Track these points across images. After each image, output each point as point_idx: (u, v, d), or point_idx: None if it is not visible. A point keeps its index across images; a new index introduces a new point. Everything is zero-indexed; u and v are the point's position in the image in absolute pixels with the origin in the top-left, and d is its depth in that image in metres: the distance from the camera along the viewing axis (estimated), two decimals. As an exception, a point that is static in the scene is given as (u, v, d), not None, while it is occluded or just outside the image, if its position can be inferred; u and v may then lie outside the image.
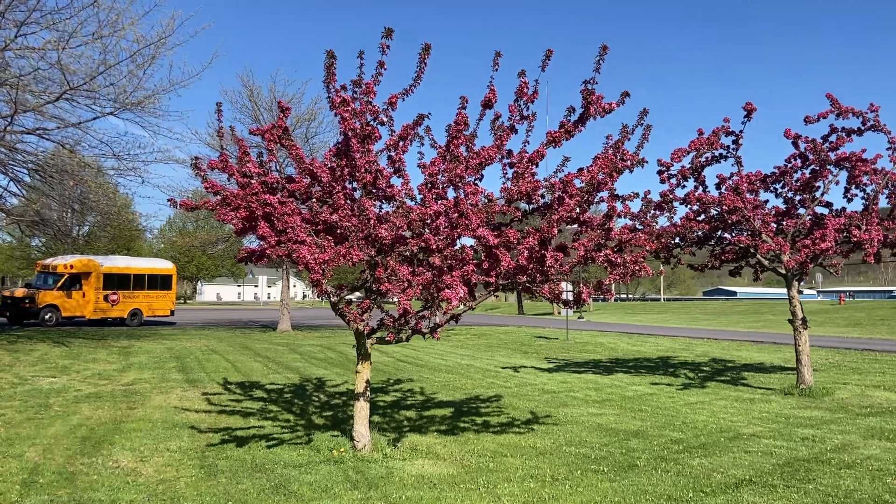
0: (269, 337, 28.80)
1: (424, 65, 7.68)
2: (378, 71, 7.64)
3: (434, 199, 7.76)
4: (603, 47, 7.85)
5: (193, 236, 42.61)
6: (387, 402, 12.42)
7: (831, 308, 50.82)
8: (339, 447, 8.52)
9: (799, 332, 14.01)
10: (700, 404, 12.53)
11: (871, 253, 12.96)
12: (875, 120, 13.19)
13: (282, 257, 7.42)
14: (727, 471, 7.77)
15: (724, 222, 14.56)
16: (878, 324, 38.37)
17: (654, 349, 25.29)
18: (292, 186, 8.09)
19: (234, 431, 9.58)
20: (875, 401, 12.84)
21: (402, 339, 8.31)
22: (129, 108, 20.75)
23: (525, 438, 9.42)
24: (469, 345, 26.45)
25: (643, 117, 8.28)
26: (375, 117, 7.76)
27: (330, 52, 7.66)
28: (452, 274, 7.35)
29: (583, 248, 7.97)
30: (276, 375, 15.96)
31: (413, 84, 7.73)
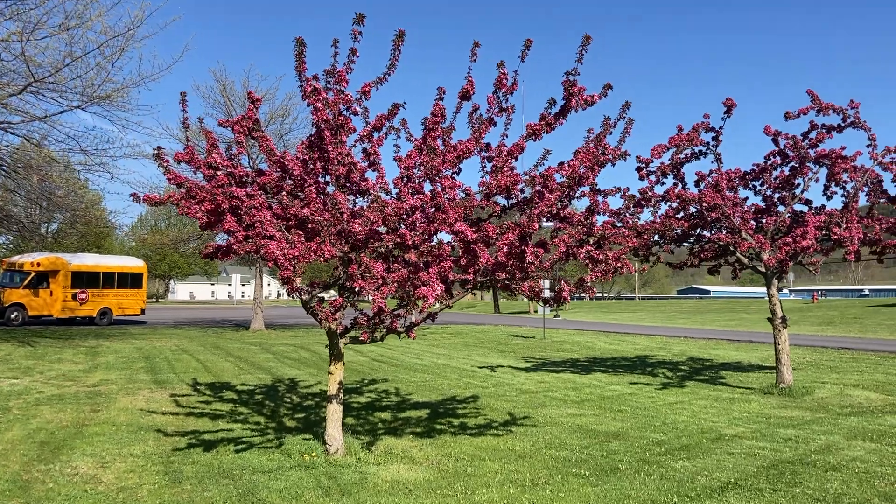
0: (241, 336, 28.32)
1: (398, 52, 7.37)
2: (350, 58, 7.33)
3: (410, 194, 7.47)
4: (586, 37, 7.59)
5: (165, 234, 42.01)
6: (361, 403, 12.10)
7: (804, 307, 51.20)
8: (311, 451, 8.19)
9: (778, 331, 13.88)
10: (680, 404, 12.35)
11: (853, 251, 12.85)
12: (855, 117, 13.08)
13: (250, 253, 7.07)
14: (711, 474, 7.55)
15: (704, 220, 14.40)
16: (852, 322, 38.66)
17: (631, 348, 25.17)
18: (262, 179, 7.75)
19: (202, 435, 9.21)
20: (855, 400, 12.74)
21: (376, 338, 8.00)
22: (97, 101, 20.22)
23: (503, 441, 9.15)
24: (445, 344, 26.16)
25: (625, 110, 8.06)
26: (348, 107, 7.44)
27: (299, 40, 7.33)
28: (429, 271, 7.06)
29: (563, 245, 7.70)
30: (247, 376, 15.57)
31: (387, 72, 7.42)
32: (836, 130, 13.40)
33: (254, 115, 7.74)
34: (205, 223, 7.46)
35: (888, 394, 13.46)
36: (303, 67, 7.36)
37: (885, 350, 22.94)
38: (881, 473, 7.60)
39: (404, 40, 7.33)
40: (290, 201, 7.49)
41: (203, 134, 7.96)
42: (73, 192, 26.41)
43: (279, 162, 7.67)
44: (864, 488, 7.02)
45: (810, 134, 13.58)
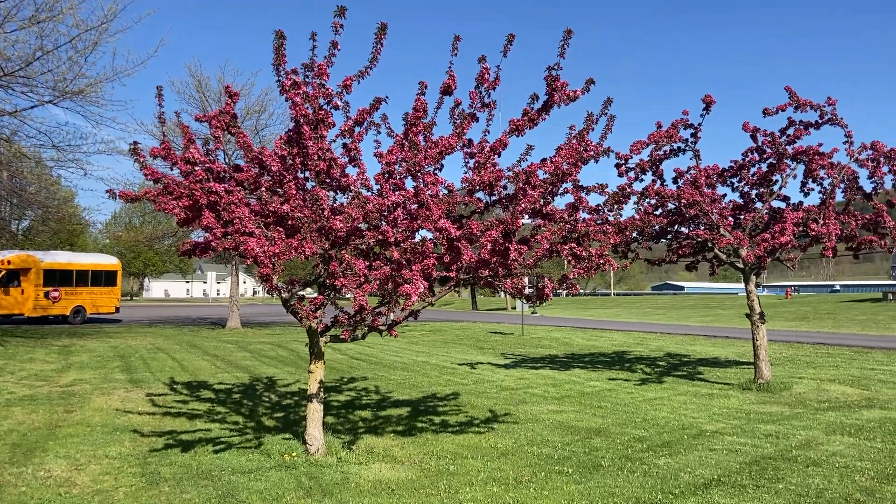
0: (217, 335, 28.04)
1: (381, 45, 7.26)
2: (331, 52, 7.21)
3: (392, 190, 7.37)
4: (567, 31, 7.53)
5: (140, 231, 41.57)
6: (341, 401, 11.99)
7: (778, 302, 51.70)
8: (291, 451, 8.08)
9: (757, 327, 13.96)
10: (659, 400, 12.37)
11: (831, 247, 12.94)
12: (832, 113, 13.16)
13: (228, 250, 6.94)
14: (694, 470, 7.54)
15: (682, 216, 14.44)
16: (825, 317, 39.11)
17: (609, 344, 25.26)
18: (240, 176, 7.62)
19: (180, 435, 9.06)
20: (832, 395, 12.84)
21: (357, 336, 7.89)
22: (69, 96, 19.89)
23: (485, 438, 9.09)
24: (424, 341, 26.08)
25: (607, 106, 8.01)
26: (329, 101, 7.33)
27: (279, 33, 7.20)
28: (412, 268, 6.97)
29: (546, 242, 7.64)
30: (224, 375, 15.39)
31: (369, 66, 7.32)
32: (814, 127, 13.47)
33: (231, 109, 7.60)
34: (182, 219, 7.32)
35: (864, 388, 13.59)
36: (282, 61, 7.23)
37: (858, 345, 23.20)
38: (861, 468, 7.64)
39: (386, 34, 7.23)
40: (269, 197, 7.37)
41: (180, 129, 7.80)
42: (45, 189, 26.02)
43: (257, 158, 7.54)
44: (846, 483, 7.05)
45: (788, 130, 13.66)
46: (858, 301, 48.19)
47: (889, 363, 17.78)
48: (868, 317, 37.51)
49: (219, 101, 30.04)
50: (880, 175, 13.35)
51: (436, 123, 7.79)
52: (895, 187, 13.50)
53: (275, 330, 31.24)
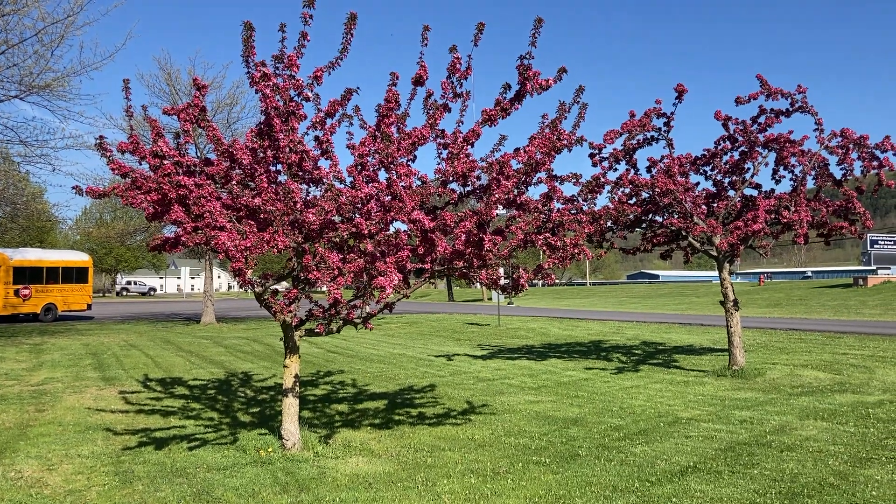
0: (192, 330, 27.79)
1: (351, 36, 7.18)
2: (301, 42, 7.12)
3: (365, 182, 7.30)
4: (538, 20, 7.49)
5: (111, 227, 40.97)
6: (317, 395, 11.91)
7: (752, 289, 52.30)
8: (267, 447, 8.00)
9: (731, 314, 14.07)
10: (636, 388, 12.43)
11: (802, 234, 13.06)
12: (803, 101, 13.26)
13: (200, 245, 6.84)
14: (671, 458, 7.58)
15: (656, 205, 14.51)
16: (797, 303, 39.62)
17: (585, 333, 25.37)
18: (210, 170, 7.51)
19: (153, 433, 8.95)
20: (805, 380, 12.98)
21: (332, 330, 7.83)
22: (35, 90, 19.56)
23: (463, 430, 9.08)
24: (401, 333, 26.04)
25: (579, 95, 7.98)
26: (299, 92, 7.23)
27: (247, 24, 7.09)
28: (386, 260, 6.91)
29: (521, 232, 7.62)
30: (199, 370, 15.24)
31: (339, 56, 7.23)
32: (785, 115, 13.57)
33: (200, 102, 7.48)
34: (151, 214, 7.20)
35: (836, 373, 13.76)
36: (251, 53, 7.12)
37: (830, 330, 23.52)
38: (834, 452, 7.72)
39: (356, 24, 7.15)
40: (240, 191, 7.28)
41: (147, 123, 7.67)
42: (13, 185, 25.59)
43: (228, 151, 7.43)
44: (819, 467, 7.12)
45: (759, 118, 13.75)
46: (830, 287, 48.86)
47: (860, 348, 18.03)
48: (839, 302, 38.06)
49: (189, 94, 29.65)
50: (850, 162, 13.49)
51: (409, 115, 7.74)
52: (864, 174, 13.63)
53: (250, 324, 31.03)
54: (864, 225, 13.90)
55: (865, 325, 25.53)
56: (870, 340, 19.72)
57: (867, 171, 13.54)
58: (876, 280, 46.62)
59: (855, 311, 33.35)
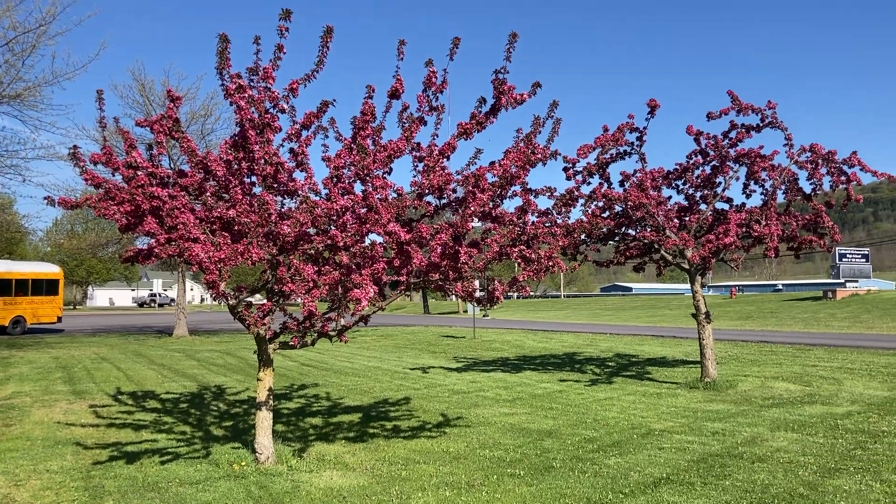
0: (164, 343, 27.50)
1: (327, 49, 7.20)
2: (277, 55, 7.13)
3: (340, 194, 7.30)
4: (512, 35, 7.57)
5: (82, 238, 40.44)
6: (291, 409, 11.84)
7: (723, 302, 52.83)
8: (240, 461, 7.94)
9: (703, 326, 14.21)
10: (609, 400, 12.50)
11: (772, 247, 13.25)
12: (773, 117, 13.49)
13: (173, 257, 6.80)
14: (644, 469, 7.63)
15: (629, 218, 14.64)
16: (768, 316, 40.07)
17: (559, 345, 25.47)
18: (184, 181, 7.47)
19: (125, 447, 8.84)
20: (776, 392, 13.14)
21: (307, 343, 7.80)
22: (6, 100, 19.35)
23: (437, 443, 9.07)
24: (376, 346, 25.96)
25: (553, 109, 8.06)
26: (275, 105, 7.24)
27: (223, 36, 7.08)
28: (361, 273, 6.91)
29: (496, 245, 7.67)
30: (171, 384, 15.08)
31: (315, 69, 7.25)
32: (755, 130, 13.79)
33: (174, 113, 7.45)
34: (124, 225, 7.14)
35: (806, 385, 13.94)
36: (226, 65, 7.11)
37: (800, 343, 23.82)
38: (804, 463, 7.82)
39: (332, 37, 7.18)
40: (214, 203, 7.25)
41: (120, 134, 7.62)
42: (-18, 196, 25.22)
43: (202, 163, 7.41)
44: (790, 478, 7.21)
45: (730, 133, 13.95)
46: (800, 300, 49.49)
47: (829, 360, 18.28)
48: (809, 315, 38.55)
49: (163, 104, 29.44)
50: (819, 177, 13.73)
51: (384, 127, 7.76)
52: (833, 189, 13.89)
53: (223, 337, 30.77)
54: (833, 239, 14.14)
55: (834, 338, 25.89)
56: (838, 352, 20.01)
57: (836, 186, 13.80)
58: (844, 293, 47.32)
59: (824, 324, 33.81)
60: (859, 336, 26.49)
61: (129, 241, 29.93)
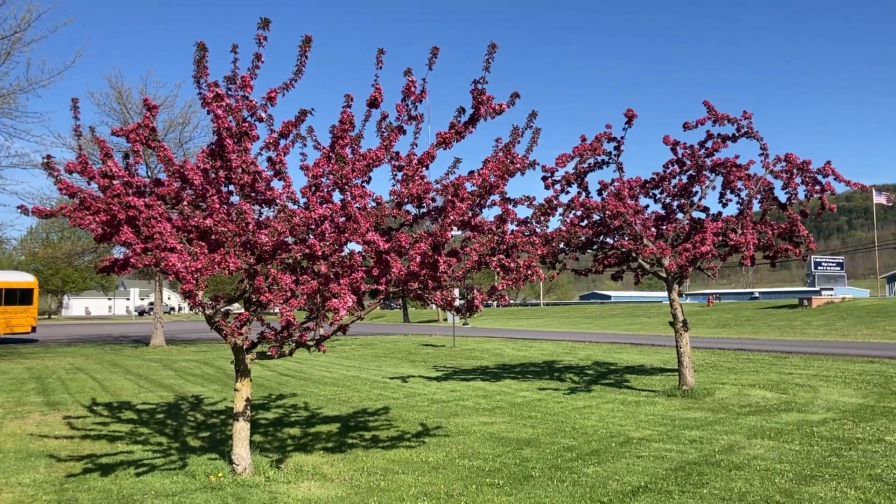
0: (141, 353, 27.23)
1: (305, 58, 7.19)
2: (255, 64, 7.10)
3: (319, 203, 7.28)
4: (491, 45, 7.60)
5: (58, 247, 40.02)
6: (269, 419, 11.76)
7: (701, 310, 53.19)
8: (218, 472, 7.87)
9: (680, 335, 14.30)
10: (588, 409, 12.53)
11: (748, 256, 13.38)
12: (748, 127, 13.63)
13: (150, 267, 6.74)
14: (622, 478, 7.65)
15: (607, 227, 14.72)
16: (745, 324, 40.40)
17: (539, 354, 25.51)
18: (161, 190, 7.42)
19: (99, 458, 8.73)
20: (753, 399, 13.23)
21: (285, 353, 7.76)
22: (-21, 108, 19.09)
23: (416, 453, 9.04)
24: (355, 355, 25.87)
25: (532, 120, 8.10)
26: (253, 113, 7.21)
27: (201, 45, 7.05)
28: (340, 282, 6.89)
29: (475, 254, 7.68)
30: (148, 394, 14.92)
31: (293, 78, 7.23)
32: (731, 140, 13.93)
33: (150, 123, 7.40)
34: (99, 235, 7.07)
35: (782, 392, 14.05)
36: (203, 73, 7.07)
37: (776, 350, 24.03)
38: (781, 470, 7.88)
39: (311, 46, 7.17)
40: (191, 212, 7.20)
41: (96, 143, 7.55)
42: (-45, 205, 24.86)
43: (178, 171, 7.36)
44: (766, 485, 7.26)
45: (707, 143, 14.09)
46: (776, 307, 49.95)
47: (805, 367, 18.45)
48: (785, 322, 38.91)
49: (140, 113, 29.23)
50: (794, 186, 13.90)
51: (363, 136, 7.76)
52: (808, 198, 14.06)
53: (201, 347, 30.52)
54: (808, 247, 14.32)
55: (810, 345, 26.15)
56: (814, 360, 20.20)
57: (811, 195, 13.97)
58: (820, 301, 47.81)
59: (800, 332, 34.13)
60: (834, 343, 26.78)
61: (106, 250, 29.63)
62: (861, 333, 31.10)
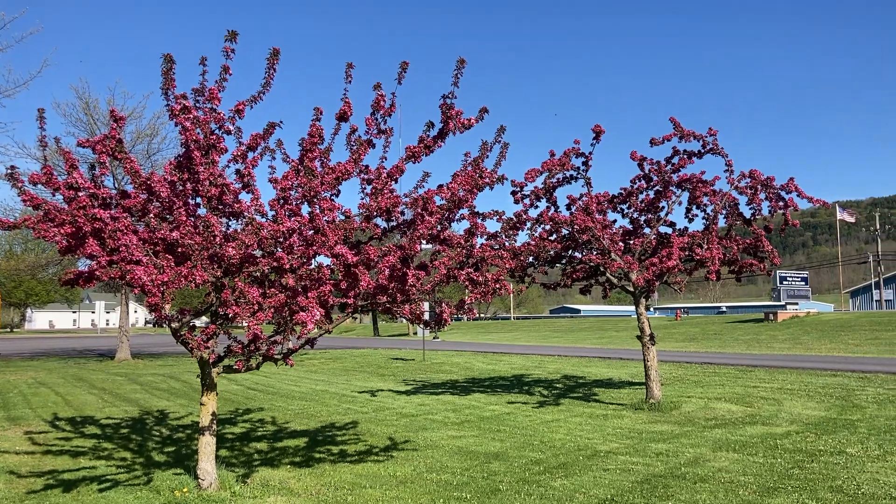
0: (106, 367, 26.82)
1: (274, 71, 7.20)
2: (223, 76, 7.09)
3: (287, 216, 7.27)
4: (460, 61, 7.67)
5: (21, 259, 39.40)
6: (235, 433, 11.65)
7: (669, 324, 53.65)
8: (182, 487, 7.77)
9: (647, 348, 14.42)
10: (556, 422, 12.58)
11: (714, 270, 13.56)
12: (714, 143, 13.85)
13: (115, 279, 6.67)
14: (589, 491, 7.69)
15: (576, 241, 14.84)
16: (712, 338, 40.81)
17: (508, 367, 25.55)
18: (127, 202, 7.36)
19: (61, 474, 8.58)
20: (718, 413, 13.38)
21: (252, 366, 7.71)
22: (-58, 117, 18.80)
23: (384, 467, 9.02)
24: (324, 369, 25.71)
25: (500, 135, 8.18)
26: (220, 126, 7.19)
27: (168, 56, 7.03)
28: (308, 295, 6.88)
29: (444, 267, 7.70)
30: (112, 409, 14.70)
31: (262, 91, 7.23)
32: (697, 156, 14.14)
33: (117, 133, 7.34)
34: (64, 247, 6.99)
35: (747, 405, 14.22)
36: (171, 85, 7.05)
37: (742, 364, 24.30)
38: (745, 482, 7.97)
39: (279, 59, 7.18)
40: (158, 224, 7.14)
41: (61, 154, 7.47)
42: (-85, 215, 24.38)
43: (145, 184, 7.30)
44: (730, 497, 7.34)
45: (673, 159, 14.28)
46: (743, 322, 50.52)
47: (770, 381, 18.69)
48: (751, 336, 39.38)
49: (108, 123, 28.95)
50: (758, 202, 14.15)
51: (332, 149, 7.78)
52: (772, 213, 14.30)
53: (167, 361, 30.14)
54: (773, 262, 14.55)
55: (775, 359, 26.49)
56: (779, 373, 20.48)
57: (774, 211, 14.22)
58: (785, 315, 48.46)
59: (766, 345, 34.57)
60: (799, 357, 27.16)
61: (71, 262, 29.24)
62: (825, 347, 31.58)
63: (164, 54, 6.97)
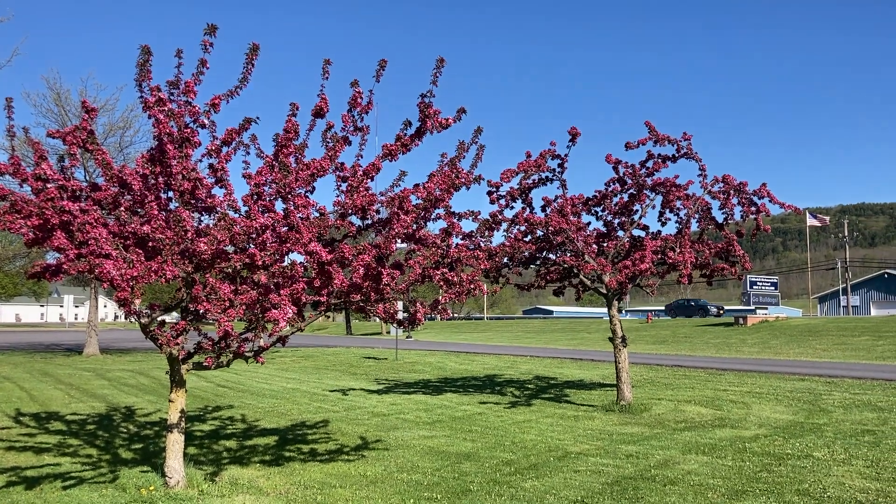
0: (73, 362, 26.44)
1: (252, 65, 7.12)
2: (199, 70, 7.00)
3: (261, 212, 7.19)
4: (440, 60, 7.65)
5: (-14, 251, 38.67)
6: (204, 431, 11.52)
7: (640, 326, 54.00)
8: (149, 485, 7.67)
9: (619, 350, 14.50)
10: (528, 423, 12.60)
11: (686, 274, 13.67)
12: (688, 148, 13.95)
13: (83, 273, 6.55)
14: (559, 492, 7.70)
15: (550, 243, 14.87)
16: (682, 341, 41.17)
17: (480, 368, 25.57)
18: (98, 195, 7.23)
19: (24, 471, 8.43)
20: (688, 415, 13.48)
21: (222, 363, 7.62)
22: None
23: (355, 466, 8.96)
24: (295, 367, 25.55)
25: (477, 135, 8.17)
26: (195, 119, 7.10)
27: (145, 48, 6.93)
28: (280, 292, 6.81)
29: (419, 266, 7.67)
30: (78, 405, 14.49)
31: (238, 86, 7.14)
32: (671, 160, 14.23)
33: (89, 125, 7.22)
34: (31, 240, 6.86)
35: (717, 408, 14.35)
36: (146, 77, 6.94)
37: (712, 367, 24.53)
38: (713, 485, 8.03)
39: (258, 54, 7.10)
40: (128, 218, 7.03)
41: (30, 145, 7.33)
42: None
43: (117, 176, 7.19)
44: (699, 500, 7.39)
45: (647, 163, 14.36)
46: (713, 325, 51.01)
47: (739, 384, 18.88)
48: (721, 340, 39.78)
49: (79, 115, 28.51)
50: (730, 207, 14.28)
51: (308, 146, 7.71)
52: (744, 218, 14.44)
53: (136, 356, 29.78)
54: (744, 267, 14.69)
55: (744, 363, 26.77)
56: (748, 377, 20.69)
57: (746, 216, 14.37)
58: (755, 319, 48.99)
59: (735, 349, 34.93)
60: (768, 361, 27.47)
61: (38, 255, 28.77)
62: (793, 352, 31.98)
63: (142, 45, 6.87)
